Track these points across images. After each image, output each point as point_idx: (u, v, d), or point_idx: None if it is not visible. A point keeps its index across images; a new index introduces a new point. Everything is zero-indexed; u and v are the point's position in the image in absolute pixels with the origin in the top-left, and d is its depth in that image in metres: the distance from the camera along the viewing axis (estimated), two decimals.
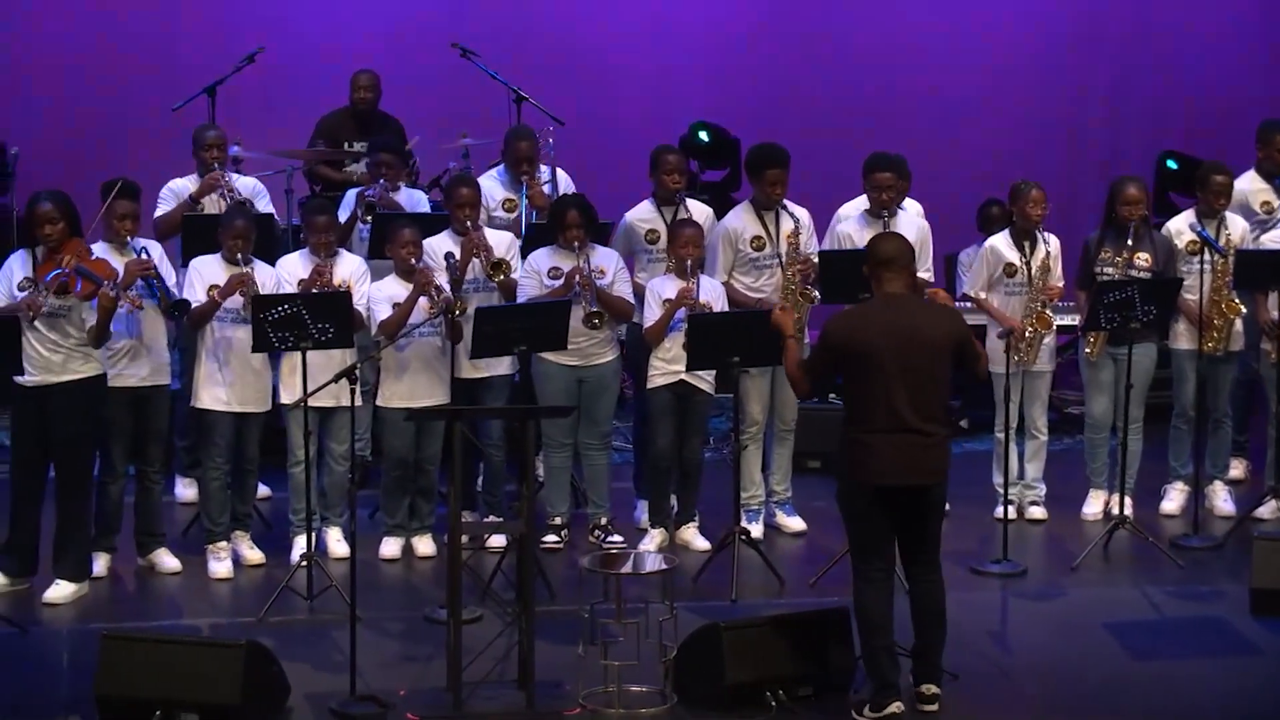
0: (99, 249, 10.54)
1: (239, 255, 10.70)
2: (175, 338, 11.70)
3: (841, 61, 16.13)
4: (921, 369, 8.64)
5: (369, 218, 11.77)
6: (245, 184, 12.13)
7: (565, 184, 12.13)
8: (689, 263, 10.99)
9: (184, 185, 12.00)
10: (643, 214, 11.61)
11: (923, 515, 8.78)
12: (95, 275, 10.10)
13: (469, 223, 11.04)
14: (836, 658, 9.06)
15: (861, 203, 11.61)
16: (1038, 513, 11.86)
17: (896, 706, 8.66)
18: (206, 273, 10.77)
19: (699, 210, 11.67)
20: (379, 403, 11.12)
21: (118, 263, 10.47)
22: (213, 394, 10.78)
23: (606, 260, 11.21)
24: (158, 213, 11.89)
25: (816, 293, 11.22)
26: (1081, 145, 16.48)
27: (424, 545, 11.19)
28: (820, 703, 8.95)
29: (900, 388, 8.60)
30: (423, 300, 10.76)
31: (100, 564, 10.73)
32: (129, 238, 10.60)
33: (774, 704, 8.82)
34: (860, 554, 8.80)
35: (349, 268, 11.05)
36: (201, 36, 15.24)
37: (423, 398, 10.92)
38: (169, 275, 10.66)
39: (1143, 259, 11.58)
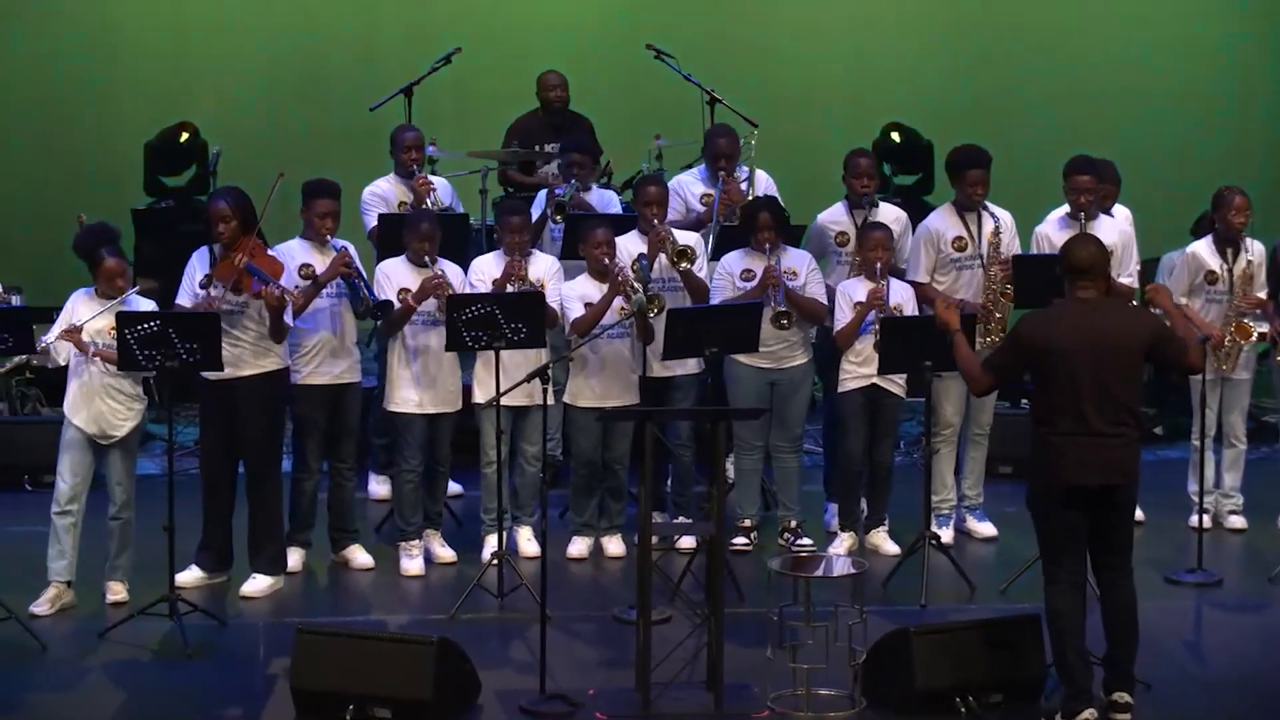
0: (299, 246, 10.71)
1: (425, 257, 10.80)
2: (369, 337, 11.81)
3: (1041, 64, 15.96)
4: (1109, 373, 8.55)
5: (559, 218, 11.81)
6: (440, 184, 12.21)
7: (765, 185, 12.08)
8: (878, 266, 10.96)
9: (387, 188, 12.06)
10: (834, 216, 11.59)
11: (1113, 517, 8.69)
12: (264, 273, 10.24)
13: (655, 221, 11.06)
14: (1027, 665, 8.98)
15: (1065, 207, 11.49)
16: (1238, 522, 11.69)
17: (1090, 713, 8.57)
18: (395, 276, 10.84)
19: (891, 213, 11.62)
20: (566, 400, 11.18)
21: (319, 261, 10.63)
22: (406, 396, 10.88)
23: (799, 261, 11.19)
24: (370, 221, 11.96)
25: None
26: None
27: (614, 545, 11.24)
28: (1010, 710, 8.87)
29: (1087, 391, 8.52)
30: (617, 300, 10.80)
31: (295, 559, 10.87)
32: (329, 236, 10.73)
33: (964, 710, 8.76)
34: (1051, 556, 8.73)
35: (543, 267, 11.10)
36: (399, 36, 15.40)
37: (611, 398, 10.96)
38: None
39: None
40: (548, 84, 13.46)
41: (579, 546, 11.22)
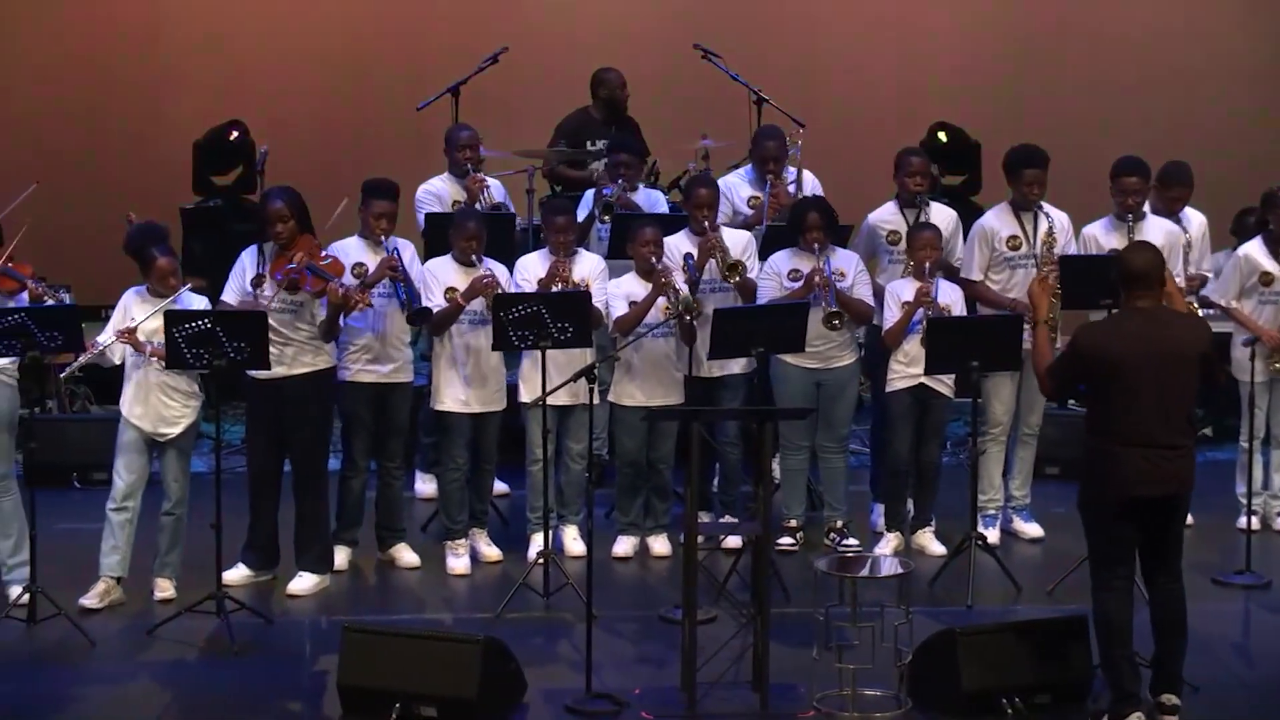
0: (356, 244, 10.74)
1: (472, 256, 10.81)
2: (415, 337, 11.82)
3: (1089, 64, 15.91)
4: (1171, 382, 8.49)
5: (606, 217, 11.82)
6: (494, 183, 12.22)
7: (811, 186, 12.07)
8: (927, 265, 10.95)
9: (442, 187, 12.09)
10: (885, 215, 11.57)
11: (1167, 525, 8.64)
12: (325, 272, 10.28)
13: (706, 223, 11.07)
14: (1074, 666, 8.96)
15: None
16: None
17: (1137, 717, 8.54)
18: (442, 275, 10.85)
19: (942, 213, 11.60)
20: (611, 400, 11.18)
21: (372, 260, 10.65)
22: (452, 395, 10.89)
23: (846, 262, 11.18)
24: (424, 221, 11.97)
25: None
26: None
27: (659, 544, 11.25)
28: (1057, 711, 8.85)
29: (1150, 400, 8.46)
30: (660, 300, 10.81)
31: (341, 557, 10.90)
32: (384, 236, 10.74)
33: (1010, 711, 8.73)
34: (1102, 563, 8.68)
35: (588, 266, 11.11)
36: (447, 36, 15.42)
37: (656, 398, 10.97)
38: (417, 277, 10.78)
39: None
40: (615, 82, 13.39)
41: (624, 546, 11.23)
